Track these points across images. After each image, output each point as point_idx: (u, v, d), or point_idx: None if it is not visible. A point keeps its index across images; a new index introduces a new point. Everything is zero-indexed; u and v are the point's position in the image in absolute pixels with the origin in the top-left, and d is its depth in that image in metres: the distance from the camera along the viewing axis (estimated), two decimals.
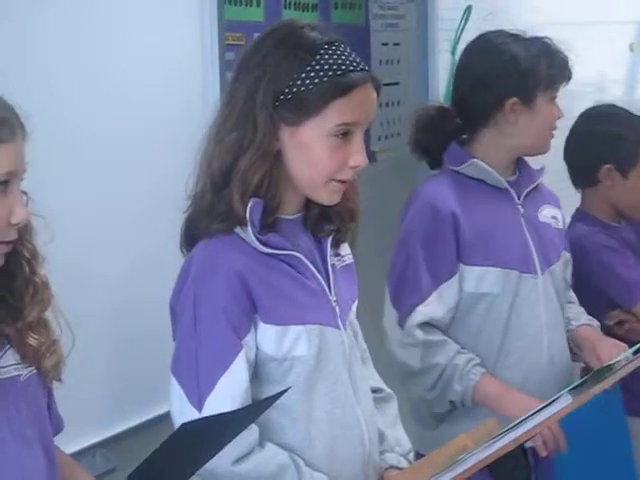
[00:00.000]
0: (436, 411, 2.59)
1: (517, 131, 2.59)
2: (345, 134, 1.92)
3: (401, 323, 2.53)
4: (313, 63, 1.91)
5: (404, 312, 2.53)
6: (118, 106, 2.52)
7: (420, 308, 2.52)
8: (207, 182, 1.95)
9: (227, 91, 1.99)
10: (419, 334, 2.51)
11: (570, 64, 2.62)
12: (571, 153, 2.99)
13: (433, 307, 2.53)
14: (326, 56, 1.92)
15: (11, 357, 1.65)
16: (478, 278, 2.55)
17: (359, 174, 1.99)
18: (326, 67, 1.90)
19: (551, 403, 1.84)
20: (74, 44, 2.40)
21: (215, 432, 1.55)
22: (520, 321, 2.58)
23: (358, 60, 1.95)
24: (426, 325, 2.53)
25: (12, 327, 1.65)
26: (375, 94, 1.96)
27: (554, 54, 2.60)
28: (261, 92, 1.91)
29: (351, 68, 1.92)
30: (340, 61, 1.92)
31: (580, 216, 3.02)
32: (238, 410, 1.74)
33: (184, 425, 1.49)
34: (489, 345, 2.57)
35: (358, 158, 1.94)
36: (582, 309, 2.79)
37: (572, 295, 2.81)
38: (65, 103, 2.36)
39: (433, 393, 2.54)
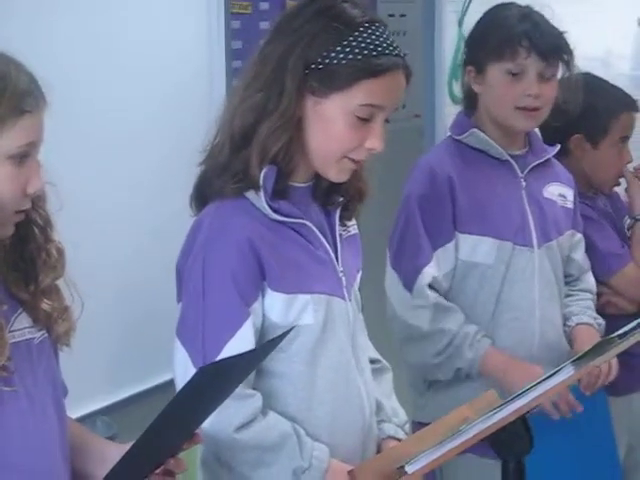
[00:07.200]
0: (437, 378, 2.59)
1: (486, 99, 2.61)
2: (367, 115, 1.92)
3: (408, 285, 2.54)
4: (350, 39, 1.91)
5: (409, 274, 2.54)
6: (128, 75, 2.52)
7: (426, 269, 2.53)
8: (226, 138, 1.96)
9: (259, 50, 1.99)
10: (431, 295, 2.53)
11: (553, 38, 2.57)
12: (544, 121, 2.93)
13: (435, 269, 2.54)
14: (364, 34, 1.92)
15: (24, 320, 1.66)
16: (472, 247, 2.56)
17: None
18: (362, 45, 1.91)
19: (553, 374, 1.84)
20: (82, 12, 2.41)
21: (230, 374, 1.61)
22: (512, 293, 2.58)
23: (395, 45, 1.94)
24: (432, 288, 2.54)
25: (25, 291, 1.66)
26: (405, 82, 1.96)
27: (532, 24, 2.55)
28: (293, 58, 1.91)
29: (387, 52, 1.92)
30: (377, 42, 1.92)
31: None
32: (247, 352, 1.76)
33: (202, 368, 1.56)
34: (482, 316, 2.58)
35: (376, 142, 1.95)
36: (591, 304, 2.75)
37: (589, 283, 2.78)
38: (76, 74, 2.36)
39: (440, 358, 2.54)
